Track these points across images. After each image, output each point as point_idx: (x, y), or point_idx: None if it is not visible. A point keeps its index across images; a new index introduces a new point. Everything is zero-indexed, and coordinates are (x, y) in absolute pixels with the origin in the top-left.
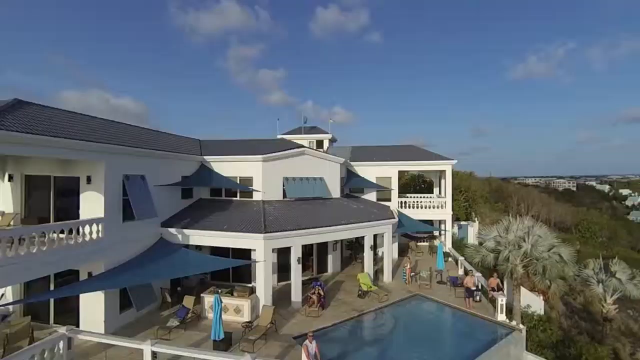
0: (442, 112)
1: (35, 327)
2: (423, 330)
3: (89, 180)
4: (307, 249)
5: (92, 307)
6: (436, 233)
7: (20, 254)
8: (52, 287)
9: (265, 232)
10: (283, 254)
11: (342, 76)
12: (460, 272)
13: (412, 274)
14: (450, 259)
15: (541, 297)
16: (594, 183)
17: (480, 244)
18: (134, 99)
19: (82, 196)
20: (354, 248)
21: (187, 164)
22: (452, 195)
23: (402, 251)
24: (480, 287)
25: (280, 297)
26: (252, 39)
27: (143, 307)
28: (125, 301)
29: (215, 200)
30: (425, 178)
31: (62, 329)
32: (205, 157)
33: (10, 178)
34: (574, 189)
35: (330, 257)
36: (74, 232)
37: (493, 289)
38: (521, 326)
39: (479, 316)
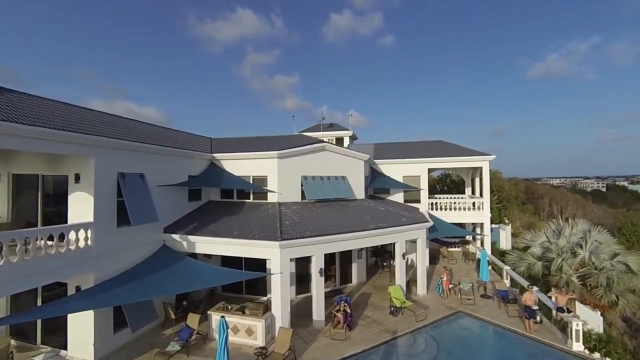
0: (458, 114)
1: (21, 348)
2: (471, 358)
3: (77, 178)
4: (328, 257)
5: (81, 327)
6: (469, 237)
7: None
8: (39, 302)
9: (281, 240)
10: (302, 261)
11: (356, 80)
12: (507, 283)
13: (451, 286)
14: (490, 267)
15: (599, 313)
16: (625, 183)
17: (525, 249)
18: (156, 108)
19: (70, 197)
20: (379, 255)
21: (194, 162)
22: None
23: (432, 258)
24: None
25: (300, 312)
26: (268, 46)
27: (140, 326)
28: (120, 319)
29: (226, 202)
30: (453, 178)
31: (38, 358)
32: (215, 154)
33: None
34: (604, 189)
35: (354, 266)
36: (55, 239)
37: (561, 309)
38: None
39: (545, 343)
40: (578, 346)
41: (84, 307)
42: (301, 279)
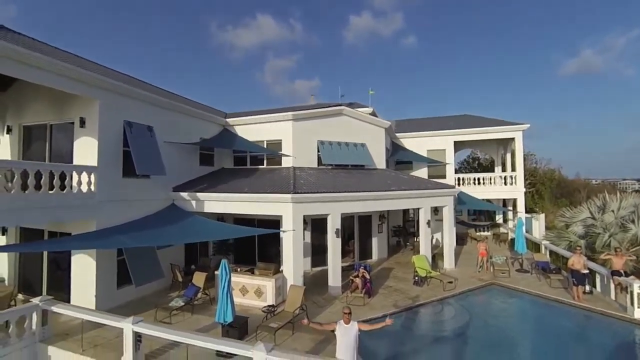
0: (485, 112)
1: (26, 301)
2: (511, 328)
3: (82, 123)
4: (347, 232)
5: (83, 281)
6: (499, 220)
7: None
8: (45, 258)
9: (294, 193)
10: (318, 231)
11: (378, 82)
12: (547, 256)
13: (490, 258)
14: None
15: None
16: None
17: (565, 228)
18: None
19: (75, 143)
20: (402, 234)
21: (207, 125)
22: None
23: (460, 239)
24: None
25: (315, 282)
26: (288, 51)
27: (143, 282)
28: (124, 276)
29: (239, 169)
30: (481, 160)
31: (35, 300)
32: (228, 119)
33: (9, 130)
34: None
35: (375, 241)
36: (56, 177)
37: (617, 272)
38: None
39: (598, 312)
40: None
41: (83, 246)
42: (317, 250)
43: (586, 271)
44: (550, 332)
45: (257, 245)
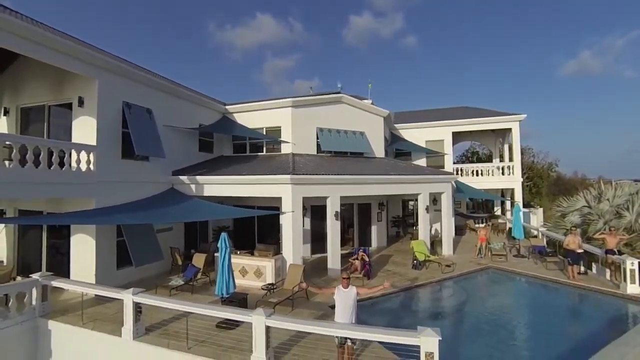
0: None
1: None
2: (506, 305)
3: (80, 102)
4: (346, 220)
5: (83, 262)
6: (498, 212)
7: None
8: (44, 242)
9: (293, 174)
10: (317, 219)
11: (378, 77)
12: (544, 241)
13: (488, 244)
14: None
15: None
16: None
17: (561, 218)
18: None
19: (74, 123)
20: (401, 225)
21: (206, 111)
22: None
23: (459, 229)
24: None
25: (315, 268)
26: (287, 51)
27: (143, 263)
28: (124, 257)
29: (239, 156)
30: (480, 155)
31: (35, 275)
32: (228, 107)
33: (6, 112)
34: None
35: (374, 229)
36: (55, 154)
37: (610, 251)
38: None
39: (592, 289)
40: (634, 288)
41: (82, 221)
42: (316, 237)
43: (581, 251)
44: (544, 308)
45: (256, 232)
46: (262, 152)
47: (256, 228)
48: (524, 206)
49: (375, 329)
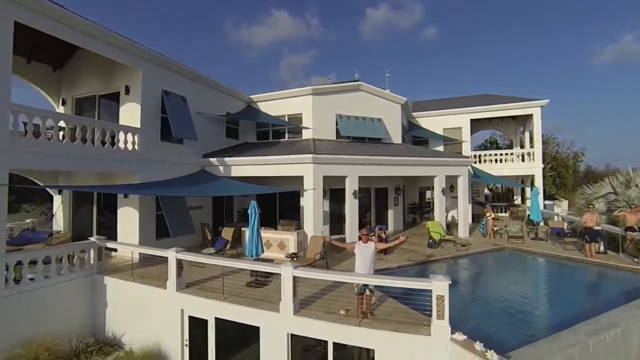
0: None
1: None
2: (518, 280)
3: (127, 90)
4: (364, 204)
5: (128, 232)
6: (517, 201)
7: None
8: (94, 217)
9: (314, 154)
10: (336, 201)
11: (397, 75)
12: (564, 225)
13: (496, 227)
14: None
15: None
16: None
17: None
18: None
19: (121, 109)
20: (417, 211)
21: (233, 100)
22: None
23: (476, 216)
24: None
25: (334, 246)
26: (304, 47)
27: (179, 234)
28: (162, 229)
29: (262, 143)
30: (499, 144)
31: (92, 238)
32: (252, 96)
33: (64, 102)
34: None
35: (390, 213)
36: (107, 135)
37: (631, 228)
38: None
39: (611, 266)
40: None
41: (131, 192)
42: (335, 219)
43: (598, 228)
44: (556, 281)
45: (278, 212)
46: (284, 138)
47: (278, 209)
48: (547, 198)
49: (392, 277)
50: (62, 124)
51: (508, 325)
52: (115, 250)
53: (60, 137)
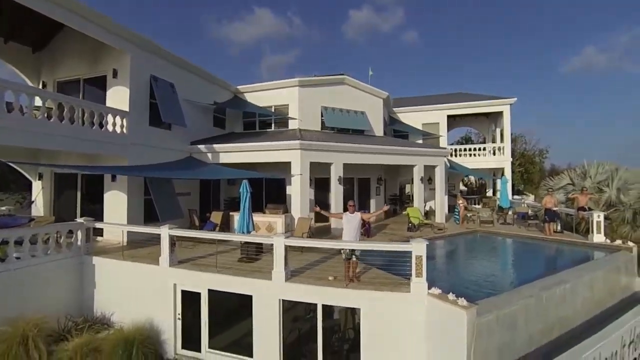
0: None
1: None
2: (490, 256)
3: (115, 74)
4: (347, 192)
5: (115, 217)
6: (489, 193)
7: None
8: (78, 196)
9: (302, 140)
10: (321, 190)
11: (379, 75)
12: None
13: (470, 214)
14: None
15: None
16: None
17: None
18: None
19: (108, 93)
20: (398, 202)
21: (220, 90)
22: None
23: (452, 206)
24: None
25: (319, 233)
26: (286, 45)
27: (167, 218)
28: (150, 214)
29: (249, 132)
30: (473, 141)
31: (80, 219)
32: (239, 87)
33: (44, 85)
34: None
35: (373, 202)
36: (95, 116)
37: (583, 209)
38: (630, 244)
39: (566, 241)
40: (599, 237)
41: (119, 172)
42: (321, 206)
43: (556, 208)
44: (521, 255)
45: (264, 198)
46: (271, 128)
47: (264, 195)
48: (515, 193)
49: (377, 242)
50: (49, 104)
51: (477, 286)
52: (102, 235)
53: (46, 117)
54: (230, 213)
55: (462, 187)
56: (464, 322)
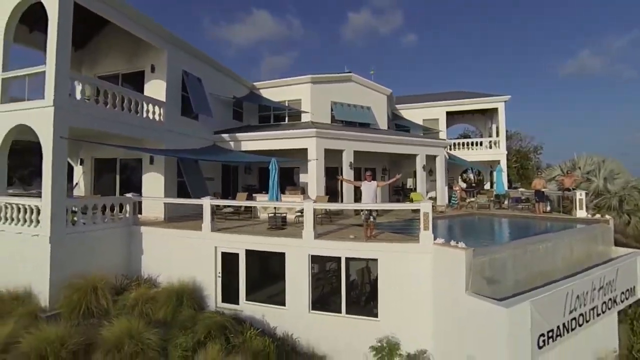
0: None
1: None
2: (487, 230)
3: (152, 69)
4: (355, 179)
5: (153, 194)
6: (487, 187)
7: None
8: (117, 180)
9: (317, 129)
10: (331, 179)
11: (378, 75)
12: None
13: (469, 200)
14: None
15: None
16: None
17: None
18: None
19: (146, 86)
20: (401, 194)
21: (238, 86)
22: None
23: (451, 198)
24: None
25: (332, 214)
26: (285, 47)
27: (197, 197)
28: (182, 194)
29: (265, 125)
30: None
31: (128, 195)
32: (255, 83)
33: None
34: None
35: (378, 190)
36: (139, 104)
37: (567, 189)
38: (607, 217)
39: (553, 218)
40: (581, 213)
41: (160, 153)
42: (331, 194)
43: (545, 189)
44: (513, 229)
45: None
46: (284, 122)
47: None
48: (512, 188)
49: (390, 204)
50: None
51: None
52: (140, 212)
53: (110, 105)
54: (253, 195)
55: (461, 183)
56: (463, 260)
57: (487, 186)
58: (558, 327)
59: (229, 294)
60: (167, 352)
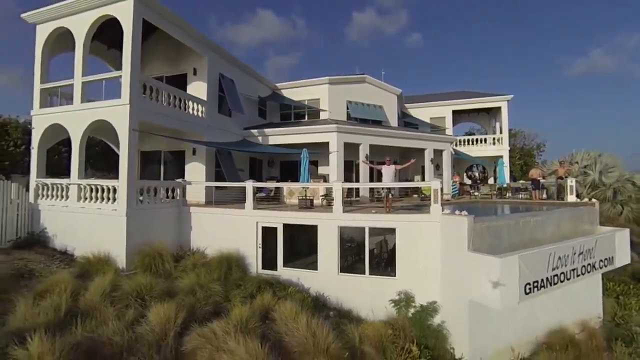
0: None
1: None
2: (489, 212)
3: (195, 72)
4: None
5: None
6: (491, 181)
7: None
8: (162, 170)
9: (338, 124)
10: (347, 170)
11: (385, 67)
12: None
13: (475, 193)
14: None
15: None
16: None
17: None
18: None
19: (189, 87)
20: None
21: (262, 86)
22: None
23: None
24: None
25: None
26: (289, 47)
27: (233, 182)
28: (218, 181)
29: (286, 122)
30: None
31: (178, 180)
32: (277, 84)
33: None
34: None
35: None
36: (188, 103)
37: (561, 178)
38: (594, 200)
39: (547, 203)
40: (572, 198)
41: (202, 144)
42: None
43: (540, 178)
44: (507, 209)
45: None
46: (304, 119)
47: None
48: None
49: (405, 182)
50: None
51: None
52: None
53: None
54: (282, 183)
55: (466, 180)
56: (465, 224)
57: (490, 181)
58: (542, 279)
59: (269, 261)
60: (229, 298)
